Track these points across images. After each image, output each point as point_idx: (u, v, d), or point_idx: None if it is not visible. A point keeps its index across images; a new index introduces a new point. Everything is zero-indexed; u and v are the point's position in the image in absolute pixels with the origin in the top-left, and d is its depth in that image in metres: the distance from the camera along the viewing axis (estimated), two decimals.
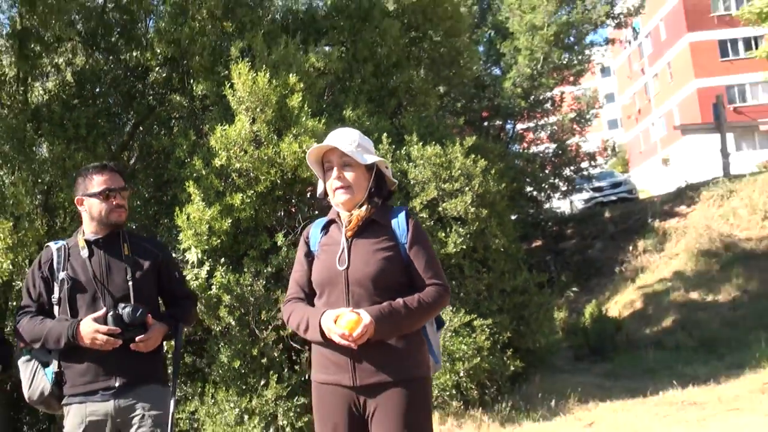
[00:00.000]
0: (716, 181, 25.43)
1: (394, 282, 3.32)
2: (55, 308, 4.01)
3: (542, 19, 22.37)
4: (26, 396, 4.06)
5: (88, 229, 4.12)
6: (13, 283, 10.38)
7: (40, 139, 12.04)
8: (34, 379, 4.00)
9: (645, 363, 14.67)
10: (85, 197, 4.08)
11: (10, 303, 10.83)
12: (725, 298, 18.94)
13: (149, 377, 4.02)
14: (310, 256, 3.52)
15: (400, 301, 3.23)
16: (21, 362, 4.09)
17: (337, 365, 3.29)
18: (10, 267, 9.89)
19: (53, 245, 4.14)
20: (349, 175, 3.39)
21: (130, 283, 4.01)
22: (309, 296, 3.48)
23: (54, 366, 3.97)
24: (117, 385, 3.90)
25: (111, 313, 3.86)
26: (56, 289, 4.01)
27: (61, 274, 4.00)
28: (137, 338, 3.90)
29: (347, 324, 3.13)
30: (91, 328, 3.81)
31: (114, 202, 4.06)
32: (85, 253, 4.04)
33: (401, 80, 12.27)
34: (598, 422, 9.28)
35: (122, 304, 3.90)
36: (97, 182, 4.07)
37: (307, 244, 3.55)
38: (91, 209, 4.08)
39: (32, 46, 12.15)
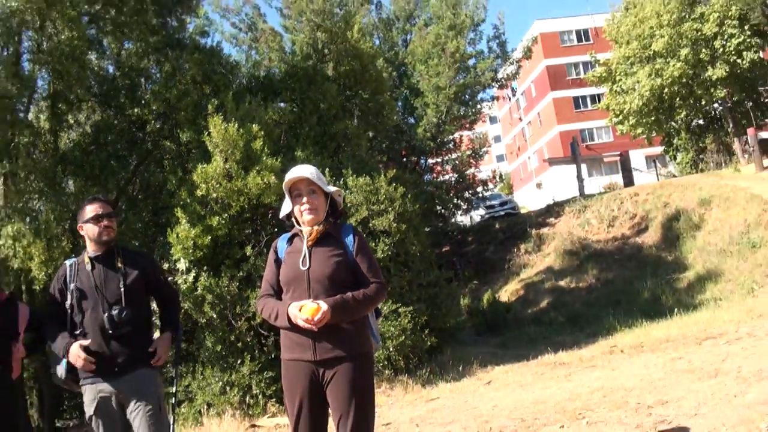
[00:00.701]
0: (575, 199, 25.98)
1: (344, 280, 3.31)
2: (68, 312, 3.92)
3: (445, 81, 22.52)
4: (55, 381, 4.05)
5: (90, 249, 3.98)
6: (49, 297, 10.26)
7: (66, 178, 11.92)
8: (57, 368, 3.96)
9: (527, 335, 14.81)
10: (83, 224, 3.98)
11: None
12: (584, 285, 19.27)
13: (141, 362, 3.91)
14: (278, 261, 3.48)
15: (350, 294, 3.23)
16: (51, 354, 4.05)
17: (301, 345, 3.28)
18: (45, 277, 9.81)
19: (67, 262, 4.04)
20: (315, 199, 3.40)
21: (122, 289, 3.87)
22: (277, 293, 3.46)
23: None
24: (117, 369, 3.82)
25: (106, 315, 3.79)
26: (69, 297, 3.92)
27: (72, 285, 3.91)
28: (153, 360, 3.92)
29: (309, 311, 3.12)
30: (75, 351, 3.77)
31: (103, 224, 3.94)
32: (89, 267, 3.93)
33: (339, 128, 12.19)
34: (494, 381, 9.20)
35: (115, 308, 3.81)
36: (89, 211, 3.97)
37: (276, 252, 3.51)
38: (87, 232, 3.97)
39: (60, 105, 12.04)
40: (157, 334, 4.24)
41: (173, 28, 13.11)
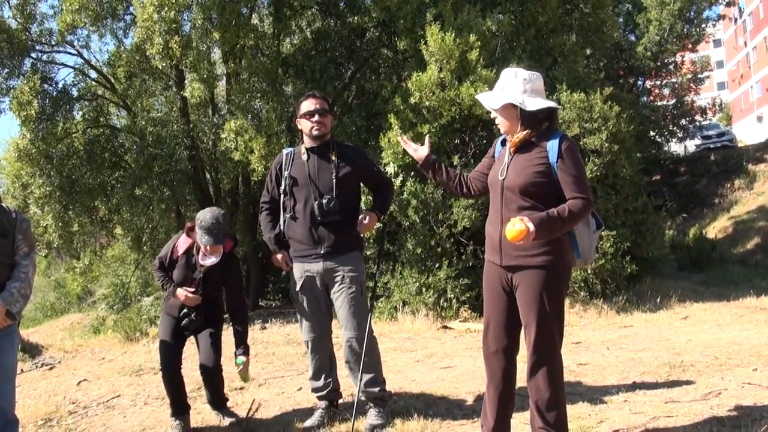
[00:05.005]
0: None
1: (539, 192, 3.06)
2: (281, 197, 4.13)
3: None
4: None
5: (306, 141, 4.15)
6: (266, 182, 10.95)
7: (287, 80, 12.32)
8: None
9: (731, 275, 14.00)
10: (299, 119, 4.15)
11: None
12: None
13: (348, 247, 4.08)
14: (492, 158, 3.39)
15: (555, 211, 2.95)
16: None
17: (493, 248, 3.22)
18: (263, 170, 10.35)
19: (284, 151, 4.26)
20: (498, 114, 3.20)
21: (334, 180, 4.02)
22: (483, 184, 3.42)
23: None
24: (322, 252, 4.00)
25: (317, 203, 3.96)
26: (283, 183, 4.11)
27: (286, 173, 4.10)
28: (364, 224, 4.08)
29: (514, 233, 2.85)
30: (280, 257, 4.16)
31: (314, 120, 4.06)
32: (304, 157, 4.11)
33: (556, 42, 11.60)
34: (690, 317, 8.89)
35: (326, 197, 3.97)
36: (304, 106, 4.12)
37: (494, 150, 3.40)
38: (302, 127, 4.14)
39: (284, 11, 12.34)
40: None
41: None
